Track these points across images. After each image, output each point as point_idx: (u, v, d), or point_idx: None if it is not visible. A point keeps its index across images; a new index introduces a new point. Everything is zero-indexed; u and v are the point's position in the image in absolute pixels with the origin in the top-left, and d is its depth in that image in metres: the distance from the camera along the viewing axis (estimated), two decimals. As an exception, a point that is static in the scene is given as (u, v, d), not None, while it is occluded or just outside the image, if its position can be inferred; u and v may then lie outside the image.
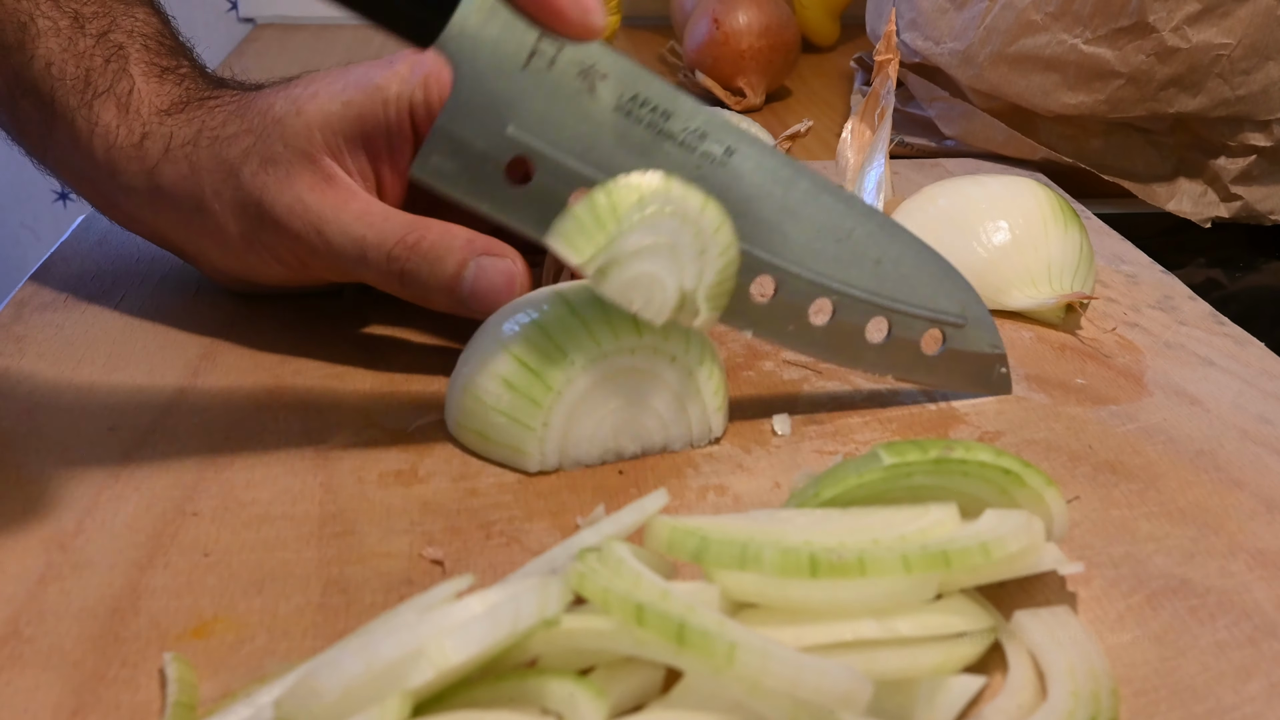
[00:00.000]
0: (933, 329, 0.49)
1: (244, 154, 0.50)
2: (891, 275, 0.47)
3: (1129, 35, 0.73)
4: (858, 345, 0.48)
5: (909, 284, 0.48)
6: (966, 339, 0.49)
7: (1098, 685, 0.33)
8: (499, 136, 0.43)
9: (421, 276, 0.49)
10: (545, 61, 0.42)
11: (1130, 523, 0.42)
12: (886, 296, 0.47)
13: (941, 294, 0.48)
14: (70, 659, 0.35)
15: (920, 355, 0.49)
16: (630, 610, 0.30)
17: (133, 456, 0.45)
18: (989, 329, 0.50)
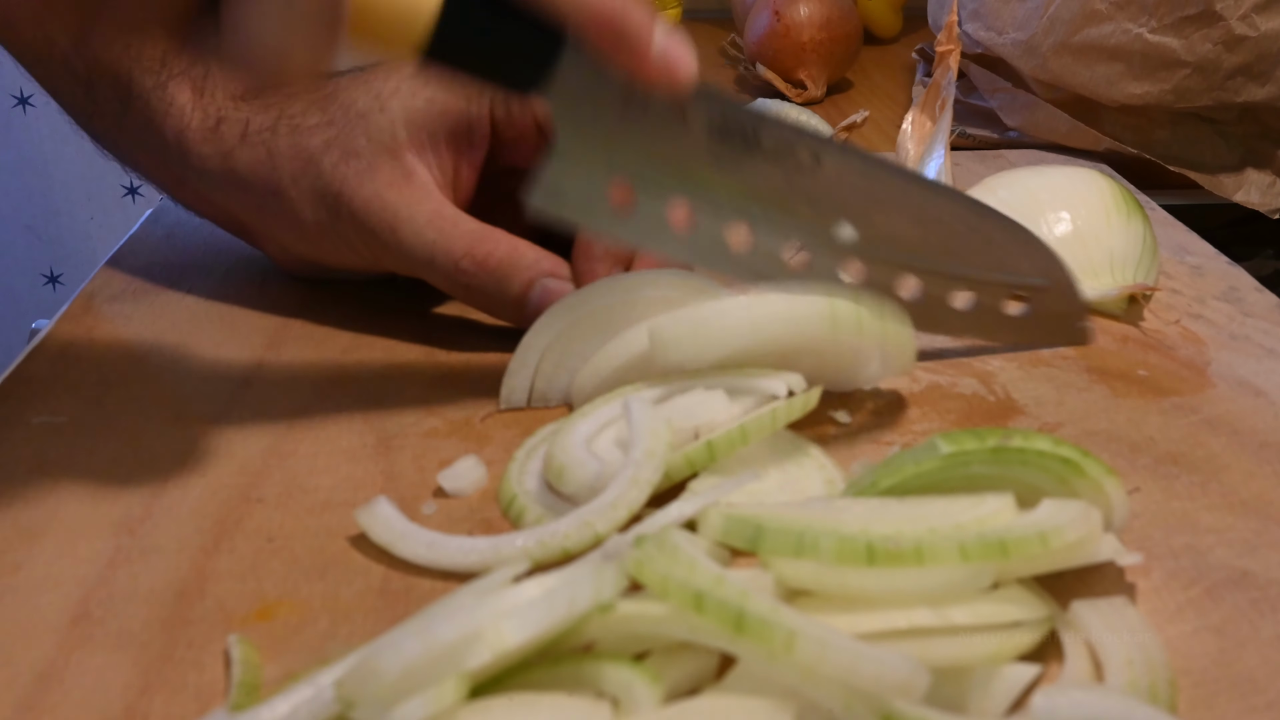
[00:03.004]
0: (1016, 293, 0.52)
1: (325, 145, 0.51)
2: (975, 248, 0.50)
3: (1195, 24, 0.72)
4: (943, 313, 0.51)
5: (992, 255, 0.50)
6: (1050, 300, 0.52)
7: (1155, 676, 0.33)
8: (600, 171, 0.46)
9: (487, 291, 0.51)
10: (640, 103, 0.45)
11: (1191, 514, 0.42)
12: (970, 268, 0.50)
13: (1024, 261, 0.51)
14: (138, 640, 0.36)
15: (1003, 317, 0.52)
16: (689, 597, 0.31)
17: (199, 444, 0.46)
18: (1072, 290, 0.53)
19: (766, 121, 0.47)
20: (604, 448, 0.42)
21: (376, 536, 0.39)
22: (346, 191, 0.51)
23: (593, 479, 0.40)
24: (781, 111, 0.76)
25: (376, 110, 0.52)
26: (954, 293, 0.51)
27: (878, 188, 0.49)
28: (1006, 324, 0.52)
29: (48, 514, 0.42)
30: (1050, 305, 0.53)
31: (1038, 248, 0.51)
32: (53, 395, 0.49)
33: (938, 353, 0.53)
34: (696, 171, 0.47)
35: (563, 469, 0.41)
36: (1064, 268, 0.52)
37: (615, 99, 0.45)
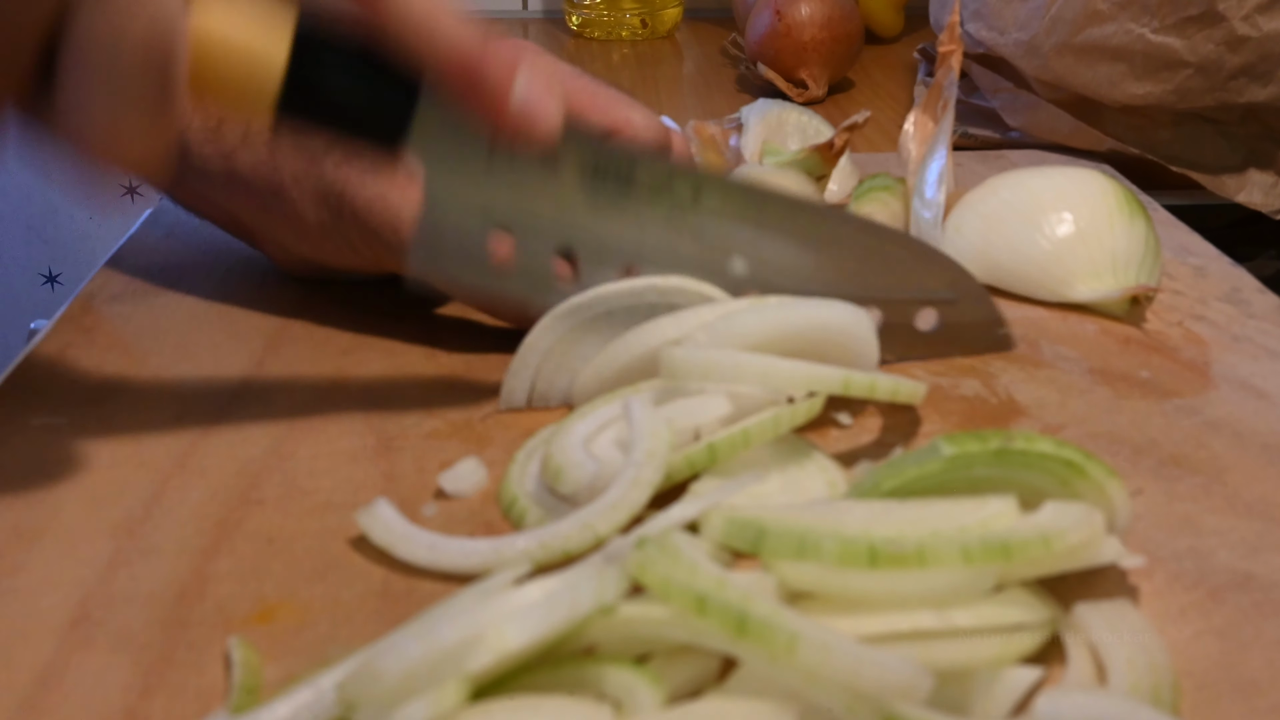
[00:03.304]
0: (926, 308, 0.52)
1: (327, 145, 0.51)
2: (875, 269, 0.50)
3: (1198, 24, 0.72)
4: None
5: (894, 274, 0.50)
6: (962, 312, 0.52)
7: (1158, 679, 0.33)
8: (475, 225, 0.45)
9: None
10: (506, 151, 0.44)
11: (1194, 517, 0.42)
12: (872, 289, 0.50)
13: (929, 277, 0.51)
14: (138, 642, 0.36)
15: (916, 334, 0.52)
16: (691, 599, 0.30)
17: (199, 445, 0.46)
18: (982, 299, 0.53)
19: (640, 160, 0.47)
20: (602, 449, 0.42)
21: (377, 538, 0.39)
22: (349, 192, 0.51)
23: (591, 480, 0.40)
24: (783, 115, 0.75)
25: (228, 120, 0.51)
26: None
27: (764, 217, 0.48)
28: (920, 339, 0.52)
29: (47, 515, 0.42)
30: (963, 316, 0.52)
31: (941, 262, 0.52)
32: (52, 396, 0.49)
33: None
34: (574, 217, 0.46)
35: (560, 470, 0.41)
36: (970, 279, 0.52)
37: (481, 146, 0.44)
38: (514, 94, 0.41)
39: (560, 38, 1.26)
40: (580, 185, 0.45)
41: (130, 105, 0.36)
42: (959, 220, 0.60)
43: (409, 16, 0.39)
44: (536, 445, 0.44)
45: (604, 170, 0.46)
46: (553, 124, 0.42)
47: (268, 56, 0.39)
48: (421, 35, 0.40)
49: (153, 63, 0.35)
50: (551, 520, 0.40)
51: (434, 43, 0.40)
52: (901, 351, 0.52)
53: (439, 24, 0.40)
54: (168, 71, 0.36)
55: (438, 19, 0.40)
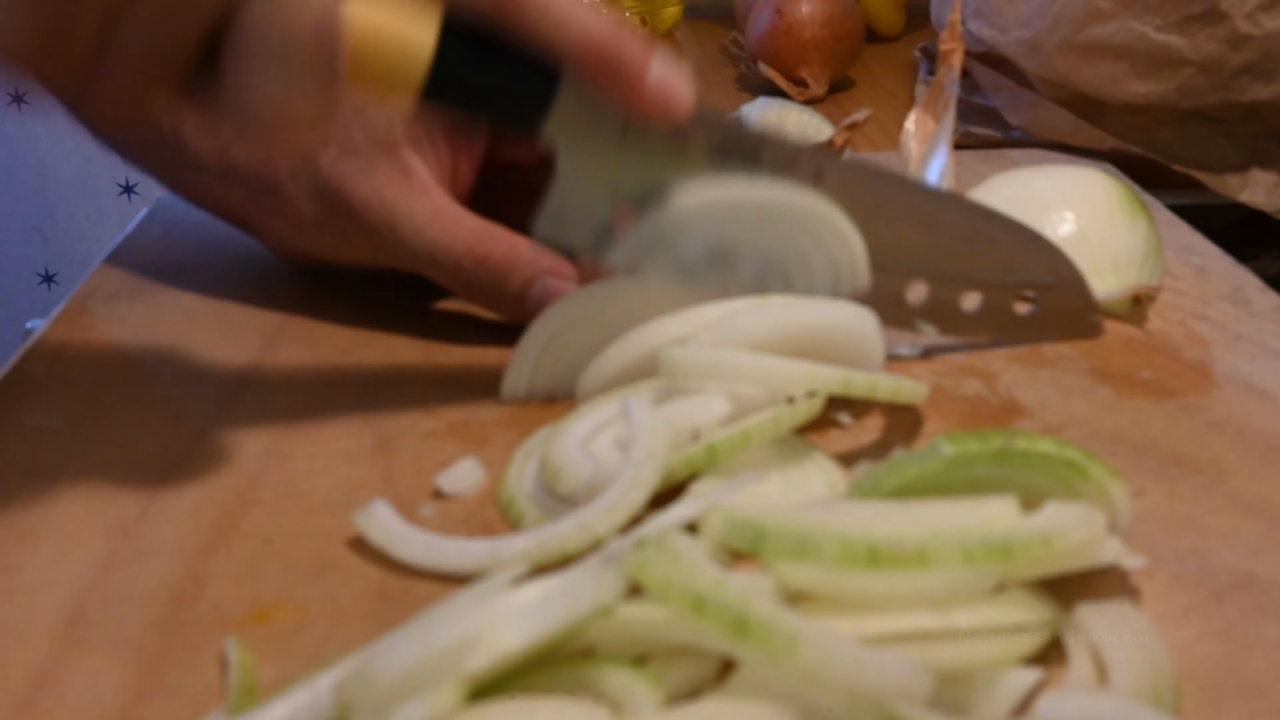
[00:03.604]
0: (1024, 291, 0.53)
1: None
2: (981, 251, 0.51)
3: (1200, 22, 0.72)
4: (953, 315, 0.52)
5: (997, 257, 0.51)
6: (1059, 297, 0.53)
7: (1160, 680, 0.33)
8: (603, 198, 0.46)
9: (487, 288, 0.52)
10: (639, 131, 0.45)
11: (1196, 517, 0.42)
12: (977, 270, 0.51)
13: (1031, 260, 0.52)
14: (133, 643, 0.36)
15: (1013, 316, 0.53)
16: (690, 600, 0.30)
17: (195, 445, 0.46)
18: (1080, 284, 0.53)
19: (767, 141, 0.47)
20: (601, 449, 0.42)
21: (374, 539, 0.39)
22: (345, 189, 0.51)
23: (589, 480, 0.40)
24: (784, 114, 0.75)
25: (373, 106, 0.52)
26: (963, 295, 0.52)
27: (880, 198, 0.49)
28: (1017, 322, 0.53)
29: (42, 516, 0.41)
30: (1059, 301, 0.53)
31: (1043, 246, 0.52)
32: (48, 396, 0.49)
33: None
34: (699, 193, 0.47)
35: (559, 470, 0.41)
36: (1070, 264, 0.53)
37: (614, 128, 0.45)
38: (649, 75, 0.43)
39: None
40: (707, 165, 0.47)
41: (300, 83, 0.37)
42: (960, 219, 0.60)
43: (548, 9, 0.41)
44: (535, 445, 0.44)
45: (730, 151, 0.47)
46: (687, 103, 0.43)
47: (416, 44, 0.41)
48: (561, 25, 0.42)
49: (321, 49, 0.37)
50: (550, 521, 0.39)
51: (572, 30, 0.42)
52: (997, 335, 0.53)
53: (576, 14, 0.42)
54: (334, 57, 0.38)
55: (574, 10, 0.42)
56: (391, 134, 0.51)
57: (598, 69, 0.42)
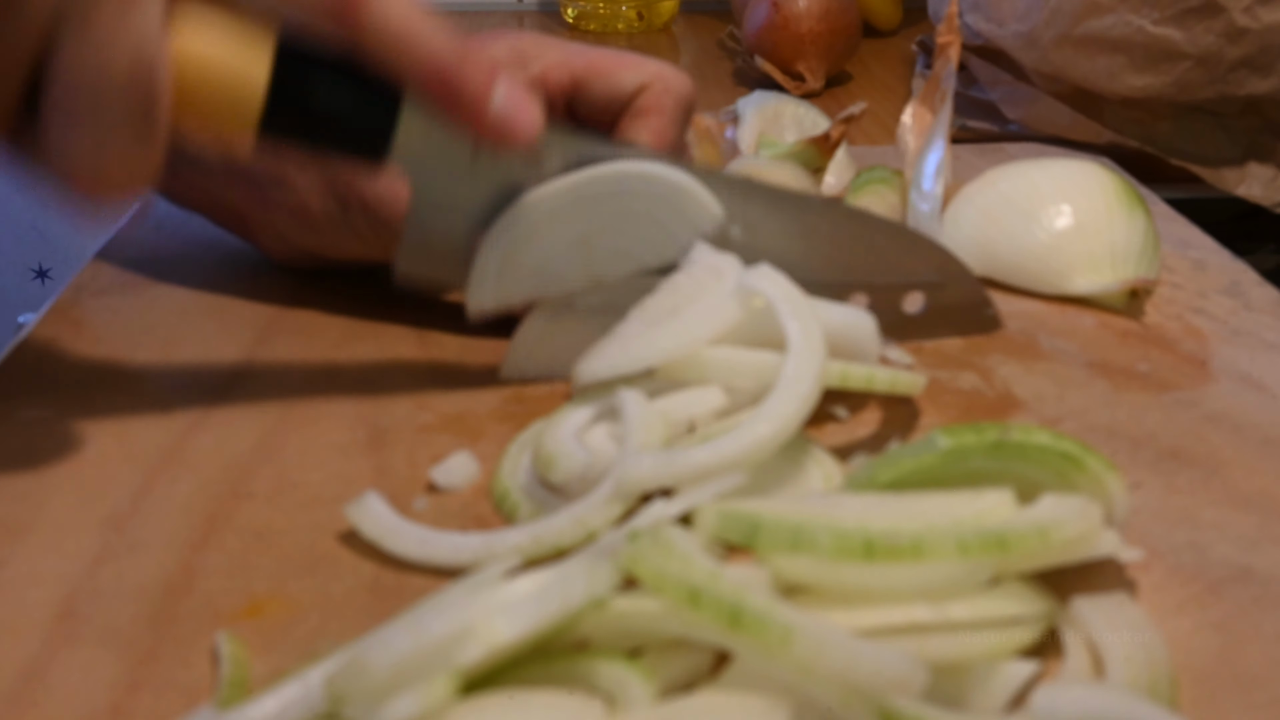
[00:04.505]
0: (912, 292, 0.52)
1: (309, 159, 0.51)
2: (860, 256, 0.51)
3: (1198, 16, 0.71)
4: None
5: (880, 260, 0.52)
6: (949, 295, 0.53)
7: (1156, 673, 0.33)
8: (463, 225, 0.46)
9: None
10: (490, 155, 0.45)
11: (1193, 510, 0.42)
12: (859, 275, 0.51)
13: (915, 261, 0.52)
14: (125, 637, 0.36)
15: (904, 317, 0.53)
16: (684, 592, 0.30)
17: (187, 439, 0.45)
18: (968, 281, 0.54)
19: (624, 153, 0.47)
20: (595, 439, 0.42)
21: (367, 532, 0.39)
22: (357, 182, 0.50)
23: (582, 470, 0.40)
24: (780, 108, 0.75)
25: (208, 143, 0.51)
26: (849, 300, 0.51)
27: (750, 207, 0.49)
28: (908, 322, 0.53)
29: (33, 510, 0.41)
30: (950, 298, 0.53)
31: (927, 247, 0.53)
32: (39, 390, 0.49)
33: (936, 348, 0.53)
34: (560, 212, 0.47)
35: (552, 459, 0.40)
36: (958, 262, 0.53)
37: (465, 151, 0.44)
38: (493, 101, 0.41)
39: (556, 31, 1.25)
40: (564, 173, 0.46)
41: (116, 135, 0.36)
42: (957, 213, 0.60)
43: (386, 29, 0.40)
44: (529, 439, 0.44)
45: (588, 160, 0.46)
46: (533, 129, 0.42)
47: (249, 75, 0.39)
48: (399, 47, 0.40)
49: (137, 91, 0.36)
50: (544, 514, 0.39)
51: (412, 54, 0.40)
52: (890, 335, 0.52)
53: (416, 35, 0.40)
54: (152, 99, 0.36)
55: (415, 30, 0.40)
56: None
57: (438, 95, 0.41)
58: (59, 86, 0.35)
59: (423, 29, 0.40)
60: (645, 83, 0.53)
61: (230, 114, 0.39)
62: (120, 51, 0.35)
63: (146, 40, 0.35)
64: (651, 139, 0.52)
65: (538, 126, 0.42)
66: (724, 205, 0.48)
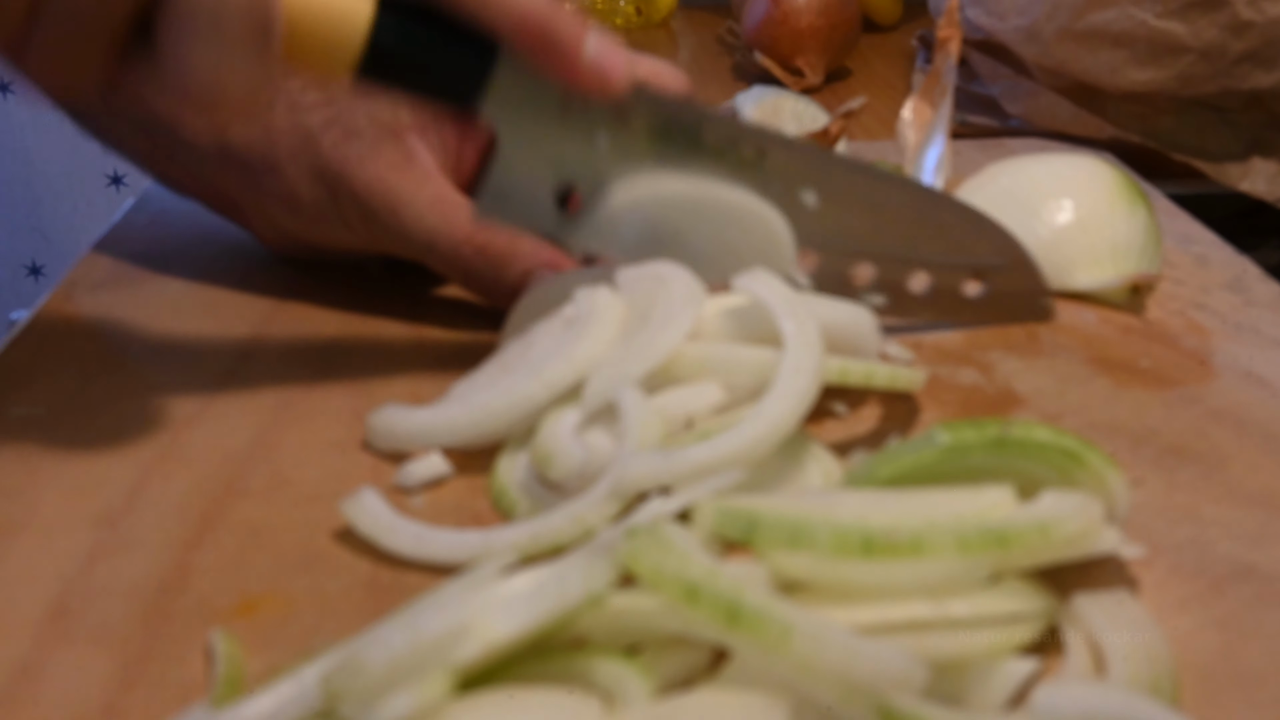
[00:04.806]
0: (972, 278, 0.52)
1: (325, 123, 0.51)
2: (928, 233, 0.51)
3: (1201, 9, 0.71)
4: (901, 297, 0.52)
5: (945, 239, 0.51)
6: (1009, 280, 0.53)
7: (1158, 671, 0.32)
8: (546, 176, 0.46)
9: (485, 277, 0.51)
10: (580, 108, 0.45)
11: (1195, 507, 0.41)
12: (925, 253, 0.51)
13: (980, 243, 0.52)
14: (118, 635, 0.35)
15: (962, 298, 0.53)
16: (682, 589, 0.30)
17: (182, 436, 0.45)
18: (1030, 267, 0.53)
19: (708, 118, 0.47)
20: (593, 437, 0.41)
21: (363, 529, 0.39)
22: (347, 172, 0.50)
23: (580, 467, 0.39)
24: (780, 102, 0.75)
25: (309, 83, 0.52)
26: (911, 277, 0.52)
27: (825, 180, 0.49)
28: (966, 305, 0.53)
29: (26, 507, 0.41)
30: (1009, 284, 0.53)
31: (993, 230, 0.52)
32: (32, 386, 0.48)
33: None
34: (640, 172, 0.47)
35: (549, 457, 0.40)
36: (1020, 248, 0.53)
37: (554, 104, 0.45)
38: (585, 50, 0.43)
39: (556, 27, 1.25)
40: (649, 139, 0.46)
41: (234, 51, 0.37)
42: (957, 207, 0.59)
43: None
44: (526, 436, 0.44)
45: (671, 128, 0.47)
46: (623, 78, 0.44)
47: (352, 18, 0.40)
48: (495, 2, 0.42)
49: (254, 20, 0.37)
50: (541, 511, 0.39)
51: (507, 8, 0.42)
52: (946, 316, 0.53)
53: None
54: (268, 28, 0.37)
55: None
56: (396, 118, 0.51)
57: (533, 45, 0.42)
58: (180, 13, 0.37)
59: None
60: (641, 82, 0.52)
61: (331, 54, 0.40)
62: None
63: None
64: None
65: (627, 78, 0.44)
66: (799, 170, 0.49)
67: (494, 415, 0.42)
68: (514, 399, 0.42)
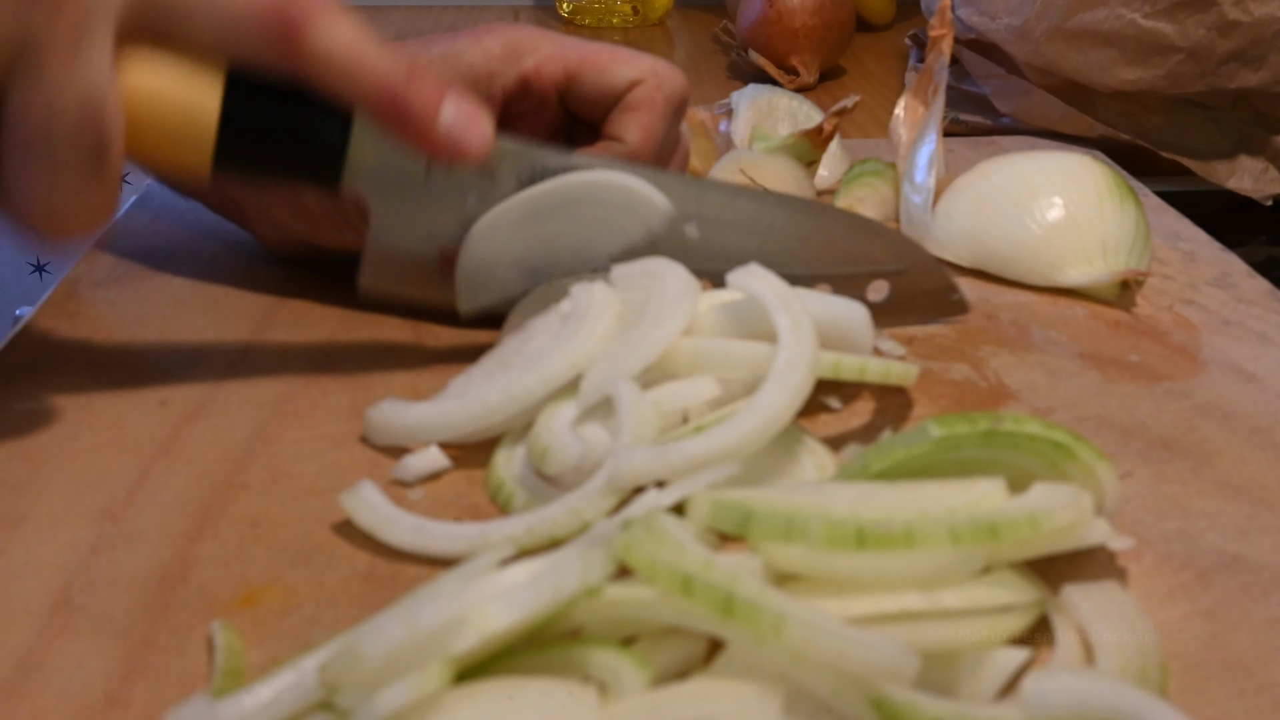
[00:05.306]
0: (876, 280, 0.52)
1: (265, 186, 0.52)
2: (818, 248, 0.51)
3: (1189, 9, 0.72)
4: None
5: (838, 250, 0.52)
6: (913, 282, 0.53)
7: (1146, 660, 0.33)
8: (422, 240, 0.46)
9: None
10: (443, 167, 0.45)
11: (1183, 499, 0.42)
12: (819, 267, 0.51)
13: (875, 250, 0.52)
14: (120, 627, 0.36)
15: (870, 306, 0.50)
16: (677, 580, 0.30)
17: (183, 430, 0.45)
18: (932, 267, 0.54)
19: (577, 163, 0.47)
20: (589, 431, 0.42)
21: (362, 521, 0.39)
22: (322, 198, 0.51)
23: (577, 461, 0.40)
24: (775, 101, 0.75)
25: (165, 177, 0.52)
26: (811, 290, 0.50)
27: (703, 209, 0.49)
28: (874, 310, 0.50)
29: (29, 500, 0.41)
30: (914, 284, 0.53)
31: (887, 235, 0.53)
32: (35, 381, 0.49)
33: (929, 339, 0.53)
34: (513, 224, 0.47)
35: (546, 451, 0.41)
36: (918, 249, 0.53)
37: (419, 168, 0.45)
38: (441, 119, 0.41)
39: (551, 25, 1.25)
40: (519, 191, 0.46)
41: (68, 175, 0.36)
42: (949, 205, 0.60)
43: (330, 55, 0.40)
44: (523, 429, 0.44)
45: (539, 178, 0.47)
46: (482, 144, 0.42)
47: (201, 108, 0.40)
48: (344, 71, 0.41)
49: (87, 133, 0.36)
50: (539, 504, 0.39)
51: (357, 77, 0.41)
52: None
53: (360, 58, 0.41)
54: (102, 140, 0.37)
55: (358, 53, 0.40)
56: None
57: (386, 116, 0.41)
58: (11, 129, 0.36)
59: (366, 51, 0.41)
60: (638, 78, 0.53)
61: (185, 147, 0.40)
62: (70, 95, 0.36)
63: (95, 83, 0.36)
64: (639, 134, 0.52)
65: (488, 141, 0.43)
66: (677, 204, 0.49)
67: (491, 411, 0.42)
68: (511, 394, 0.42)
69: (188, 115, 0.39)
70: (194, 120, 0.39)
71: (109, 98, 0.36)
